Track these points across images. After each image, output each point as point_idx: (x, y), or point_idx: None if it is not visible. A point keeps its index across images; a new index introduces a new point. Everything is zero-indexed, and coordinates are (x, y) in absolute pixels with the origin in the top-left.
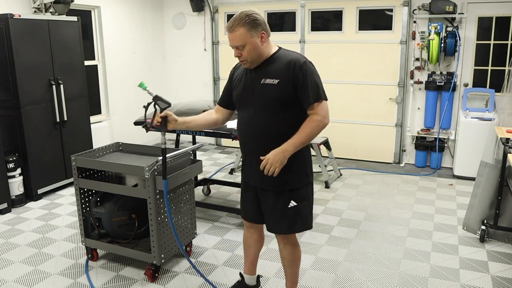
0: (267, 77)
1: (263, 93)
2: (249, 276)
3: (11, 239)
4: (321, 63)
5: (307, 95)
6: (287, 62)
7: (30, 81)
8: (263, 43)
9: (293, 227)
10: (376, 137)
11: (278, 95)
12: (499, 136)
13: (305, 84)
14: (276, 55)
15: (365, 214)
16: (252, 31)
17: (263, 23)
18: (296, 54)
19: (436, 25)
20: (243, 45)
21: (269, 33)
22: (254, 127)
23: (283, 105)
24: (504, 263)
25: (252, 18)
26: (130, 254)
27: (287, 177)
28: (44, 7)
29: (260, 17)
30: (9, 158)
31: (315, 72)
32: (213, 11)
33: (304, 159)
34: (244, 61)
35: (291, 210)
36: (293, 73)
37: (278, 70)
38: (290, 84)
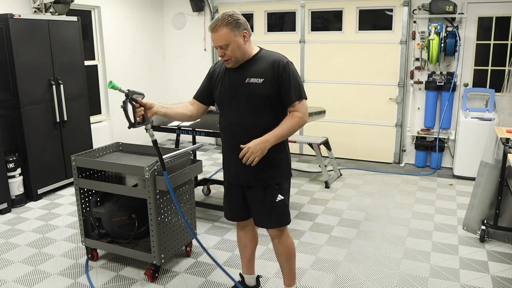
0: (251, 76)
1: (248, 92)
2: (249, 276)
3: (11, 239)
4: (321, 63)
5: (290, 94)
6: (271, 61)
7: (30, 81)
8: (246, 43)
9: (280, 220)
10: (376, 137)
11: (263, 93)
12: (499, 136)
13: (288, 84)
14: (259, 55)
15: (365, 214)
16: (235, 30)
17: (244, 23)
18: (278, 54)
19: (436, 25)
20: (227, 44)
21: (251, 33)
22: (241, 126)
23: (268, 103)
24: (504, 263)
25: (234, 18)
26: (130, 254)
27: (274, 171)
28: (44, 7)
29: (242, 17)
30: (9, 158)
31: (297, 72)
32: (213, 11)
33: (287, 154)
34: (228, 60)
35: (279, 203)
36: (277, 73)
37: (262, 70)
38: (275, 83)
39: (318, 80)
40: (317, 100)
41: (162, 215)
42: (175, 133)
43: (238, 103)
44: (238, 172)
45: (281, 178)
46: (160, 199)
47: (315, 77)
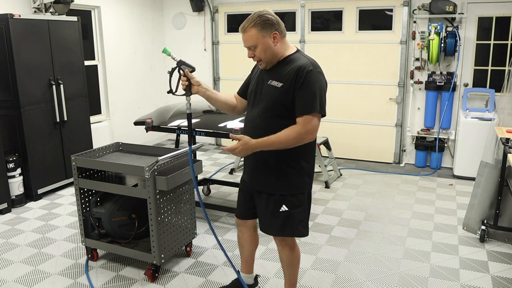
0: (275, 79)
1: (267, 94)
2: (246, 275)
3: (11, 239)
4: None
5: (299, 104)
6: (295, 67)
7: (30, 81)
8: (276, 44)
9: (283, 230)
10: (376, 137)
11: (279, 99)
12: (499, 136)
13: (301, 93)
14: (290, 58)
15: (365, 214)
16: (263, 31)
17: (276, 23)
18: (306, 60)
19: (436, 25)
20: (255, 45)
21: (284, 33)
22: (255, 127)
23: (284, 109)
24: (504, 263)
25: (263, 19)
26: (130, 254)
27: (279, 182)
28: (44, 7)
29: (273, 17)
30: (9, 158)
31: (318, 83)
32: (213, 11)
33: (301, 169)
34: (260, 61)
35: (282, 214)
36: (296, 79)
37: (285, 74)
38: (291, 90)
39: None
40: None
41: (162, 215)
42: (175, 133)
43: (258, 103)
44: (250, 173)
45: (288, 190)
46: (160, 199)
47: None
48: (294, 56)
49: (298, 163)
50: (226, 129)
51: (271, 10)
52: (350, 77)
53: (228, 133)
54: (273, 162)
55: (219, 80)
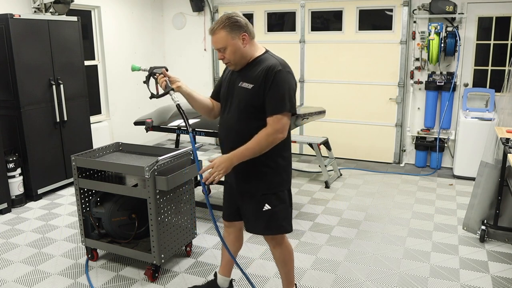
0: (245, 80)
1: (238, 96)
2: (222, 277)
3: (11, 239)
4: (321, 63)
5: (269, 104)
6: (264, 68)
7: (30, 81)
8: (245, 45)
9: (269, 229)
10: (376, 137)
11: (250, 100)
12: (499, 136)
13: (271, 93)
14: (259, 59)
15: (365, 214)
16: (232, 33)
17: (245, 25)
18: (274, 61)
19: (436, 25)
20: (224, 47)
21: (253, 35)
22: (229, 129)
23: (256, 110)
24: (504, 263)
25: (232, 21)
26: (130, 254)
27: (259, 182)
28: (44, 7)
29: (242, 19)
30: (9, 158)
31: (288, 83)
32: (213, 11)
33: (278, 166)
34: (229, 63)
35: (265, 213)
36: (265, 80)
37: (255, 75)
38: (261, 90)
39: (318, 80)
40: (317, 100)
41: (162, 215)
42: (175, 133)
43: (230, 106)
44: (231, 175)
45: (268, 189)
46: (160, 199)
47: (315, 77)
48: (263, 57)
49: (275, 161)
50: None
51: (240, 13)
52: (350, 77)
53: None
54: (251, 163)
55: None
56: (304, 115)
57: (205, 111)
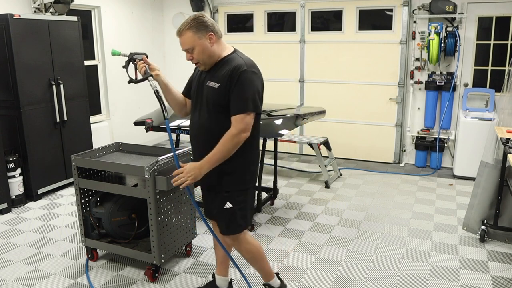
0: (212, 80)
1: (206, 95)
2: (220, 277)
3: (11, 239)
4: (321, 63)
5: (233, 104)
6: (230, 68)
7: (30, 81)
8: (212, 44)
9: (230, 228)
10: (376, 137)
11: (217, 99)
12: (499, 136)
13: (235, 93)
14: (227, 59)
15: (365, 214)
16: (199, 33)
17: (211, 25)
18: (241, 60)
19: (436, 25)
20: (192, 47)
21: (220, 34)
22: (198, 127)
23: (223, 109)
24: (504, 263)
25: (198, 21)
26: (130, 254)
27: (224, 179)
28: (44, 7)
29: (208, 19)
30: (9, 158)
31: (252, 82)
32: (213, 11)
33: (245, 164)
34: (198, 63)
35: (226, 210)
36: (231, 80)
37: (222, 75)
38: (227, 90)
39: (318, 80)
40: (317, 100)
41: (162, 215)
42: (175, 133)
43: (200, 105)
44: None
45: (231, 186)
46: (160, 199)
47: (315, 77)
48: (231, 56)
49: (238, 160)
50: None
51: (206, 14)
52: (350, 77)
53: None
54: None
55: None
56: (304, 115)
57: (178, 106)
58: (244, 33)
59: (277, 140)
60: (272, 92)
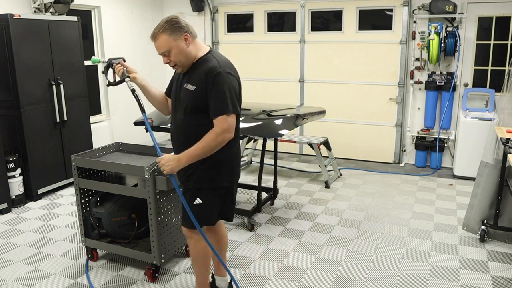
0: (189, 82)
1: (183, 97)
2: (219, 277)
3: (11, 239)
4: (321, 63)
5: (212, 107)
6: (204, 70)
7: (30, 81)
8: (188, 45)
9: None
10: (376, 137)
11: (194, 102)
12: (499, 136)
13: (214, 96)
14: (202, 60)
15: (365, 214)
16: (174, 35)
17: (185, 25)
18: (215, 62)
19: (436, 25)
20: (168, 50)
21: (195, 34)
22: (178, 129)
23: (201, 111)
24: (504, 263)
25: (172, 23)
26: (130, 254)
27: (195, 176)
28: (44, 7)
29: (181, 20)
30: (9, 158)
31: (227, 84)
32: (213, 11)
33: (218, 165)
34: (176, 65)
35: (195, 206)
36: (206, 82)
37: (197, 77)
38: (204, 93)
39: (318, 80)
40: (317, 100)
41: (162, 215)
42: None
43: (179, 106)
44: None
45: (201, 184)
46: (160, 199)
47: (315, 77)
48: (206, 57)
49: (216, 160)
50: None
51: (179, 15)
52: (350, 77)
53: None
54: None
55: None
56: (304, 115)
57: (159, 106)
58: (244, 33)
59: (277, 140)
60: (272, 92)
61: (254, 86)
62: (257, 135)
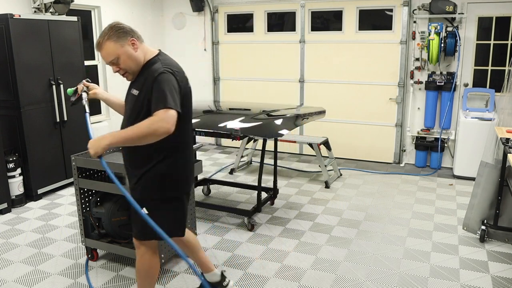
0: (134, 87)
1: (129, 103)
2: (208, 273)
3: (11, 239)
4: (321, 63)
5: (153, 104)
6: (148, 73)
7: (30, 81)
8: (136, 50)
9: (139, 233)
10: (376, 137)
11: (136, 107)
12: (499, 136)
13: (154, 94)
14: (148, 63)
15: (365, 214)
16: (120, 41)
17: (130, 30)
18: (158, 65)
19: (436, 25)
20: (117, 57)
21: (141, 39)
22: None
23: (140, 118)
24: (504, 263)
25: (116, 29)
26: (130, 254)
27: (137, 186)
28: (44, 7)
29: (125, 25)
30: (9, 158)
31: (168, 82)
32: (213, 11)
33: (160, 176)
34: (126, 73)
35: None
36: (148, 86)
37: (142, 81)
38: (146, 97)
39: (318, 80)
40: (317, 100)
41: None
42: None
43: (127, 112)
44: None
45: (143, 194)
46: None
47: (315, 77)
48: (152, 60)
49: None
50: (226, 129)
51: (121, 21)
52: (350, 77)
53: (228, 133)
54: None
55: (219, 80)
56: (304, 115)
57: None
58: (244, 33)
59: (277, 140)
60: (272, 92)
61: (254, 86)
62: (257, 135)
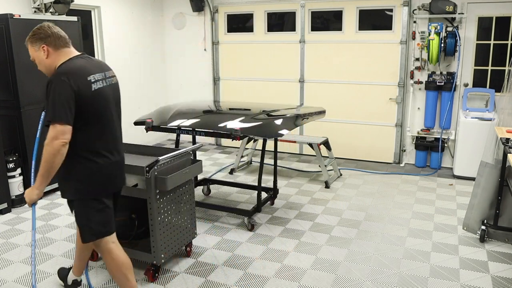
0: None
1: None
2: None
3: (11, 239)
4: (321, 63)
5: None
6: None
7: (30, 81)
8: (47, 56)
9: (88, 236)
10: (376, 137)
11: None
12: (499, 136)
13: (46, 105)
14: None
15: (365, 214)
16: (34, 45)
17: (45, 37)
18: (54, 73)
19: (436, 25)
20: (34, 59)
21: (58, 46)
22: None
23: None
24: (504, 263)
25: (33, 33)
26: (130, 254)
27: (64, 187)
28: (44, 7)
29: (45, 31)
30: (9, 158)
31: (57, 90)
32: (213, 11)
33: (76, 176)
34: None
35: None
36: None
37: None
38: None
39: (318, 80)
40: (317, 100)
41: (162, 215)
42: (175, 133)
43: None
44: None
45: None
46: (160, 199)
47: (315, 77)
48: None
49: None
50: (226, 129)
51: (50, 24)
52: (350, 77)
53: (228, 133)
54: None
55: (219, 80)
56: (304, 115)
57: None
58: (244, 33)
59: (277, 140)
60: (272, 92)
61: (254, 86)
62: (257, 135)
